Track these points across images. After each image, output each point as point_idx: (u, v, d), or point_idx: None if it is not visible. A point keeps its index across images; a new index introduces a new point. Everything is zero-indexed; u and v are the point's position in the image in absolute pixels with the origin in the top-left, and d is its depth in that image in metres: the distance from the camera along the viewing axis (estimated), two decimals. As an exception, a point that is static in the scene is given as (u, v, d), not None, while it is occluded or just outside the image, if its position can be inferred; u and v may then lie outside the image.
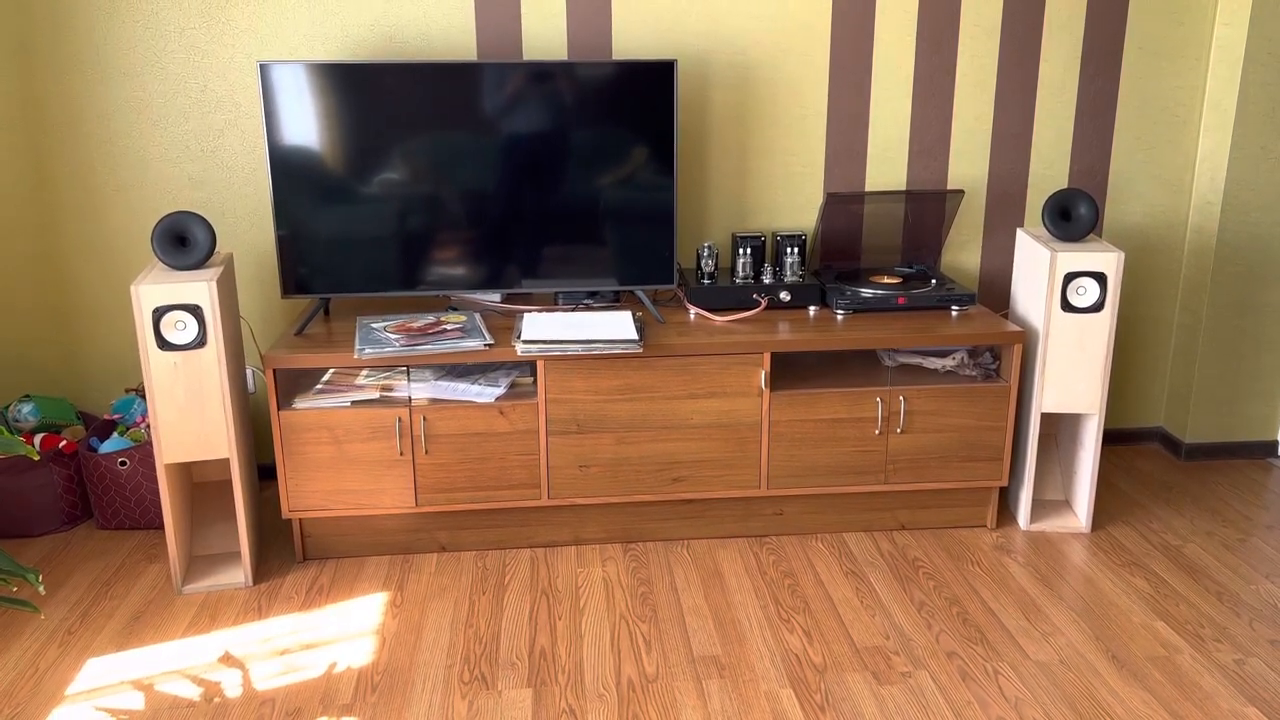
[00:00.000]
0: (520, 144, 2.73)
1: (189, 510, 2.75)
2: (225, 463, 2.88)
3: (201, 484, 2.88)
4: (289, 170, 2.67)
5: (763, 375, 2.69)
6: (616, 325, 2.69)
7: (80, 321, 3.10)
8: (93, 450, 2.89)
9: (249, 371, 2.90)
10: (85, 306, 3.09)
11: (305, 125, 2.65)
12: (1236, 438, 3.40)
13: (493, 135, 2.72)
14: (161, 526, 2.93)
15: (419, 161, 2.71)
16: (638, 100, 2.73)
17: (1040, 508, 2.98)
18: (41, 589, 1.73)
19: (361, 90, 2.64)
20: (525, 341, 2.58)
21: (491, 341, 2.63)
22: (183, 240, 2.53)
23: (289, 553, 2.80)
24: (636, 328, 2.68)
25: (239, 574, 2.64)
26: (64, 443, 2.91)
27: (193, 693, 2.20)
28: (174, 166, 2.99)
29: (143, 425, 2.93)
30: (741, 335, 2.71)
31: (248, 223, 3.05)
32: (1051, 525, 2.91)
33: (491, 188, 2.75)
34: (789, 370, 2.89)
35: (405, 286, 2.79)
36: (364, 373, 2.77)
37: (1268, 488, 3.19)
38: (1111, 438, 3.52)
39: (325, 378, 2.75)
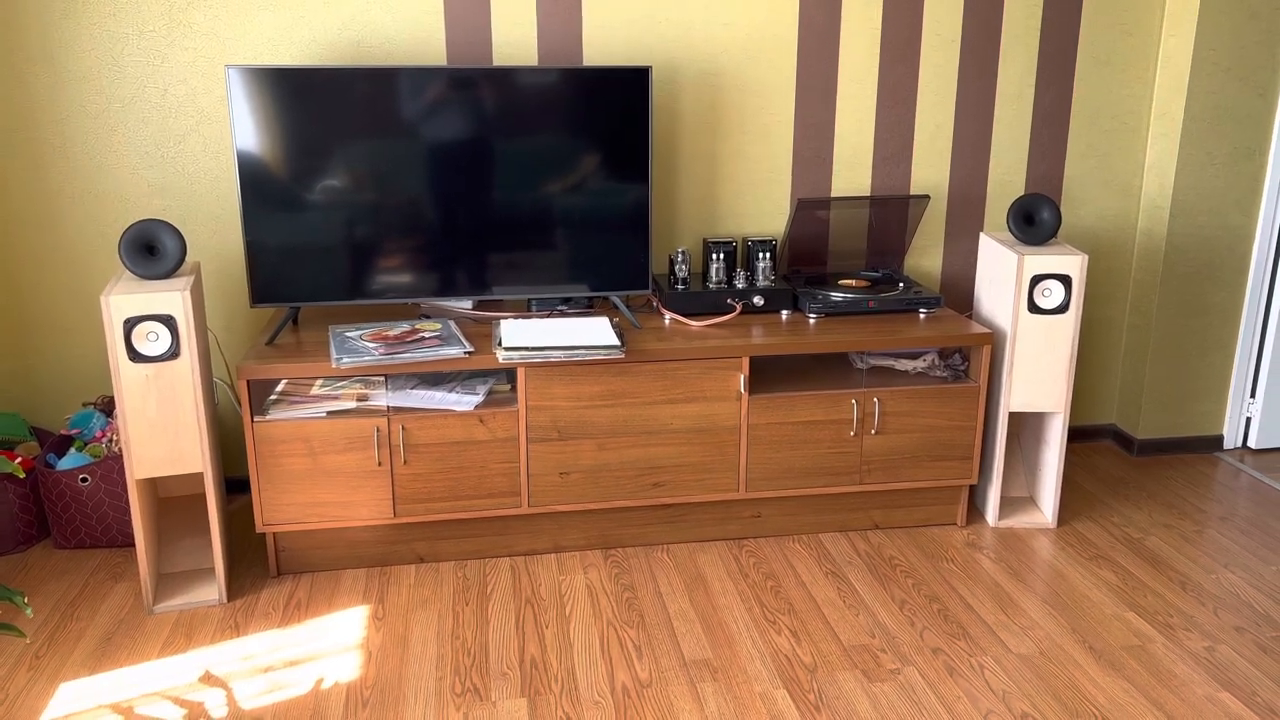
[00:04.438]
0: (493, 150, 2.71)
1: (157, 527, 2.67)
2: (190, 477, 2.80)
3: (166, 499, 2.80)
4: (257, 177, 2.61)
5: (742, 379, 2.71)
6: (597, 331, 2.69)
7: (34, 334, 2.99)
8: (50, 467, 2.78)
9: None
10: (40, 318, 2.98)
11: (274, 131, 2.59)
12: (1186, 433, 3.53)
13: (465, 141, 2.69)
14: (124, 544, 2.83)
15: (391, 168, 2.68)
16: (612, 106, 2.73)
17: (1006, 505, 3.06)
18: (29, 611, 1.66)
19: (331, 95, 2.60)
20: (507, 349, 2.57)
21: (471, 349, 2.60)
22: (151, 249, 2.46)
23: (261, 568, 2.73)
24: (616, 334, 2.68)
25: (212, 591, 2.57)
26: (19, 459, 2.80)
27: (175, 715, 2.13)
28: (133, 173, 2.90)
29: (103, 440, 2.84)
30: (719, 340, 2.73)
31: (209, 230, 2.98)
32: (1019, 521, 2.99)
33: (463, 194, 2.73)
34: (763, 374, 2.91)
35: (377, 293, 2.75)
36: (319, 382, 2.72)
37: (1217, 481, 3.31)
38: (1067, 435, 3.62)
39: (279, 387, 2.70)
